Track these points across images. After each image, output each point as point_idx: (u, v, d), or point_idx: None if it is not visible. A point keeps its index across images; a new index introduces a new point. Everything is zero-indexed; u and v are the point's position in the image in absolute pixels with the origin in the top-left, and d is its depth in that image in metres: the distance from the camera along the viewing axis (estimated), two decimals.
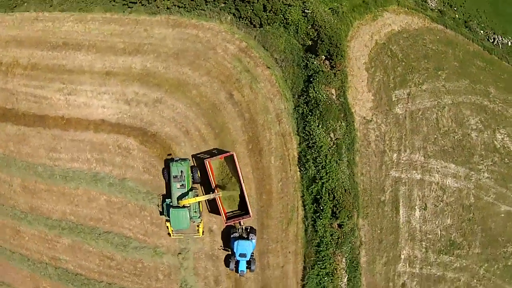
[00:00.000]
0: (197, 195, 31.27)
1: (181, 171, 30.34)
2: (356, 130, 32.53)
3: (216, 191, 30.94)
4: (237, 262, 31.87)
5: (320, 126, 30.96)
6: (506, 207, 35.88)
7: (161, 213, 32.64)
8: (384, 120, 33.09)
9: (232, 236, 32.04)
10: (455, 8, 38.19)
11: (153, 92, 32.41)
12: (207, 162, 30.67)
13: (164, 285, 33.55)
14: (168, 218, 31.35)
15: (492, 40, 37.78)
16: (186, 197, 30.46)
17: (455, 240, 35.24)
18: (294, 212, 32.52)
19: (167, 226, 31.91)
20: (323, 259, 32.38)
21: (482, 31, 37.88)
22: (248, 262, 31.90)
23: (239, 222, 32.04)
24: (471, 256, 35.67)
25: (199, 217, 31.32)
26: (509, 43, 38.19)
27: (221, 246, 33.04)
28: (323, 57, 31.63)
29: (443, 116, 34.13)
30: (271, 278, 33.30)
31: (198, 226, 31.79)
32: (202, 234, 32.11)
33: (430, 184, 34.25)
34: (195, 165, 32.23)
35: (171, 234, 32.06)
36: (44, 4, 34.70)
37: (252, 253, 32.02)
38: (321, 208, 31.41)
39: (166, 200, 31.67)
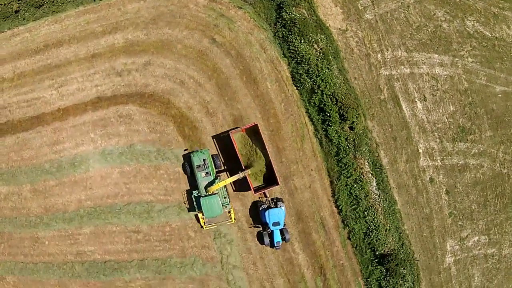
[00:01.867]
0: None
1: (204, 160, 30.60)
2: (336, 41, 34.22)
3: (244, 169, 31.04)
4: (271, 234, 31.51)
5: (302, 42, 32.52)
6: (500, 87, 37.11)
7: (189, 210, 32.22)
8: (358, 27, 35.03)
9: (261, 209, 31.87)
10: None
11: (141, 57, 33.64)
12: (231, 134, 31.10)
13: (197, 241, 32.46)
14: (198, 211, 31.05)
15: None
16: (214, 184, 30.35)
17: (464, 125, 35.90)
18: (304, 129, 32.95)
19: (198, 219, 31.55)
20: (346, 166, 32.35)
21: None
22: (281, 233, 31.53)
23: (265, 194, 32.12)
24: (485, 140, 36.21)
25: (228, 203, 31.15)
26: None
27: (251, 223, 32.65)
28: None
29: (410, 14, 36.36)
30: (302, 201, 32.76)
31: (229, 212, 31.52)
32: (235, 220, 31.79)
33: (421, 75, 35.57)
34: (218, 152, 32.52)
35: (204, 227, 31.45)
36: (16, 20, 36.28)
37: (284, 222, 31.71)
38: (328, 114, 32.00)
39: (193, 192, 31.43)
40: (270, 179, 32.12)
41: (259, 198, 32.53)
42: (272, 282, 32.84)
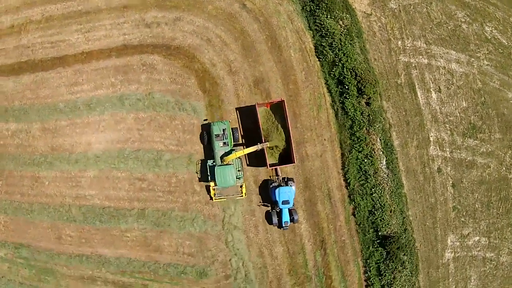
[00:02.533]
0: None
1: (223, 129, 30.96)
2: (360, 22, 35.38)
3: (263, 141, 31.23)
4: (280, 213, 31.22)
5: (328, 17, 33.64)
6: None
7: (200, 179, 32.17)
8: (382, 13, 36.32)
9: (271, 186, 31.76)
10: None
11: (172, 13, 34.36)
12: (257, 105, 31.38)
13: (202, 197, 32.08)
14: (211, 180, 31.03)
15: None
16: (231, 154, 30.43)
17: (475, 123, 36.58)
18: (321, 99, 33.43)
19: (208, 190, 31.43)
20: (359, 140, 32.65)
21: None
22: (290, 213, 31.31)
23: (277, 173, 32.21)
24: (494, 141, 36.83)
25: (242, 176, 31.14)
26: None
27: (260, 202, 32.56)
28: None
29: (432, 10, 37.81)
30: (312, 169, 32.75)
31: (241, 186, 31.39)
32: (245, 196, 31.60)
33: (438, 68, 36.57)
34: (239, 125, 32.71)
35: (213, 198, 31.27)
36: None
37: (293, 203, 31.63)
38: (346, 87, 32.61)
39: (208, 161, 31.46)
40: (285, 158, 32.09)
41: (270, 176, 32.48)
42: (271, 249, 32.27)
